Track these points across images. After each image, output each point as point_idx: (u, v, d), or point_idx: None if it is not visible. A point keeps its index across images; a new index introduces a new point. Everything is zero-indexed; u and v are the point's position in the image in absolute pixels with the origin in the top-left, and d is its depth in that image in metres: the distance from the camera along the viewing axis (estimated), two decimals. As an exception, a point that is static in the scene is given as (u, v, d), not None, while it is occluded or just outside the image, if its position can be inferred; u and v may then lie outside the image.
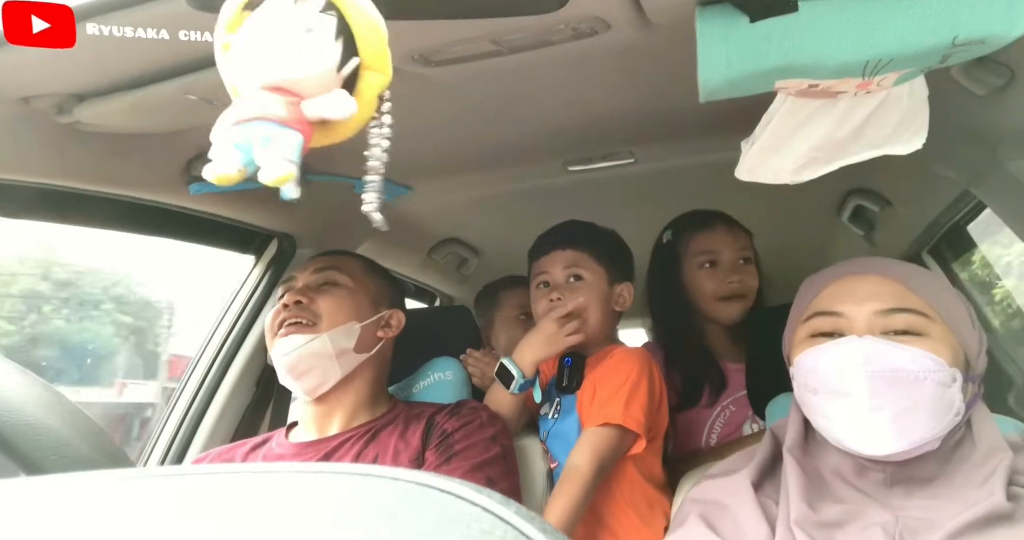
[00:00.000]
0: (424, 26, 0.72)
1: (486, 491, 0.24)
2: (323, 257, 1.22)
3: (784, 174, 0.89)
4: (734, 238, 1.40)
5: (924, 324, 0.77)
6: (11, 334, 2.89)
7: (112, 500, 0.27)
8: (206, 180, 0.56)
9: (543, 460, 1.23)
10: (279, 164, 0.54)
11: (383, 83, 0.59)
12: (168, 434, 1.41)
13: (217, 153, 0.55)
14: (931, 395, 0.73)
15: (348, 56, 0.57)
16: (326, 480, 0.26)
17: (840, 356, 0.77)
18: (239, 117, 0.55)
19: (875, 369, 0.74)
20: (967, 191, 1.31)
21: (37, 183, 1.04)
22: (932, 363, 0.74)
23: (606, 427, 1.11)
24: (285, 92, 0.56)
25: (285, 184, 0.54)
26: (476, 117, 1.18)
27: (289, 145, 0.55)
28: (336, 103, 0.57)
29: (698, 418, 1.39)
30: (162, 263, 3.01)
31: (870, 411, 0.73)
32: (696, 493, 0.87)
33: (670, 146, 1.39)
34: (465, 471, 1.02)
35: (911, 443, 0.73)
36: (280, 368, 1.09)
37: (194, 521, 0.24)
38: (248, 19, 0.57)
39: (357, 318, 1.12)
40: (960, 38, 0.65)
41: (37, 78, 0.87)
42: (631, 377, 1.15)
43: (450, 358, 1.37)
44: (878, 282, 0.81)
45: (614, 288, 1.27)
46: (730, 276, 1.36)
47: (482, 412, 1.12)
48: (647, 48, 0.85)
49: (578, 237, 1.28)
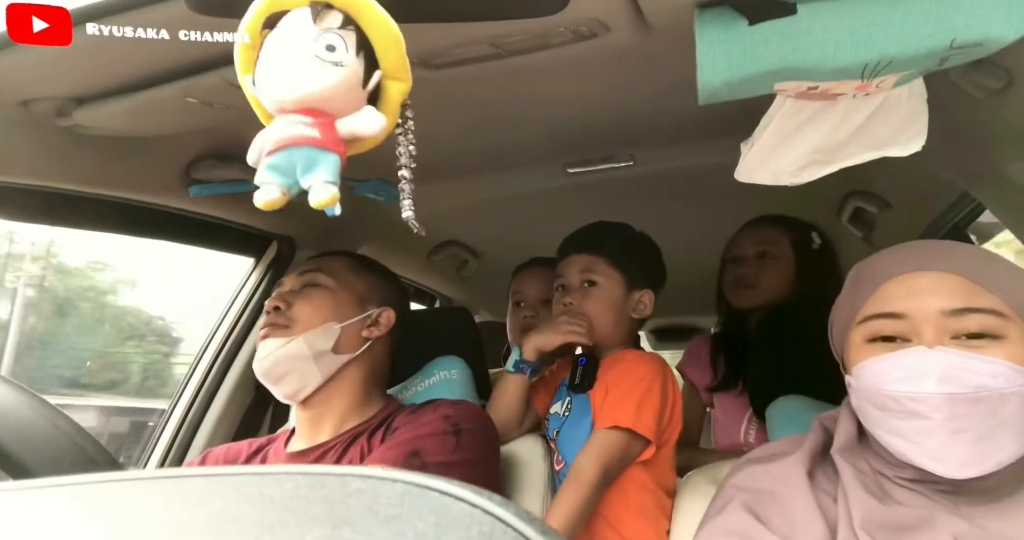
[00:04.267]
0: (425, 29, 0.72)
1: (486, 493, 0.24)
2: (311, 259, 1.19)
3: (783, 176, 0.89)
4: (754, 234, 1.52)
5: (1001, 325, 0.68)
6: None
7: (112, 501, 0.27)
8: (206, 182, 0.56)
9: (544, 461, 1.22)
10: (325, 188, 0.56)
11: (405, 90, 0.61)
12: (168, 435, 1.41)
13: (261, 180, 0.57)
14: (1017, 410, 0.65)
15: (368, 67, 0.58)
16: (326, 481, 0.26)
17: (912, 374, 0.67)
18: (278, 142, 0.56)
19: (955, 391, 0.65)
20: (966, 193, 1.31)
21: (37, 186, 1.04)
22: (1018, 375, 0.65)
23: (615, 430, 1.10)
24: (316, 113, 0.57)
25: (333, 206, 0.56)
26: (476, 119, 1.18)
27: (330, 167, 0.56)
28: (368, 121, 0.58)
29: (735, 410, 1.44)
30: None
31: (951, 434, 0.65)
32: (741, 479, 0.80)
33: (670, 148, 1.39)
34: (389, 446, 0.96)
35: (997, 464, 0.65)
36: (257, 372, 1.07)
37: (194, 522, 0.24)
38: (268, 39, 0.57)
39: (337, 318, 1.08)
40: (958, 41, 0.65)
41: (37, 81, 0.87)
42: (644, 381, 1.14)
43: (455, 357, 1.37)
44: (942, 278, 0.71)
45: (632, 294, 1.25)
46: (741, 267, 1.49)
47: (444, 400, 1.07)
48: (646, 50, 0.85)
49: (598, 241, 1.27)
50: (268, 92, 0.58)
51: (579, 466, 1.08)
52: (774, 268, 1.47)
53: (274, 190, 0.56)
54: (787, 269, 1.46)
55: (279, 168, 0.57)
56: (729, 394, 1.47)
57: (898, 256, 0.76)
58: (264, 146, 0.57)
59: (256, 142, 0.58)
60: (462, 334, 1.49)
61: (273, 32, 0.58)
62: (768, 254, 1.48)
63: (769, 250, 1.48)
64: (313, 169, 0.56)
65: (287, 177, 0.57)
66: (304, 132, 0.56)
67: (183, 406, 1.43)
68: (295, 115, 0.57)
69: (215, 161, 1.17)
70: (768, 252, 1.48)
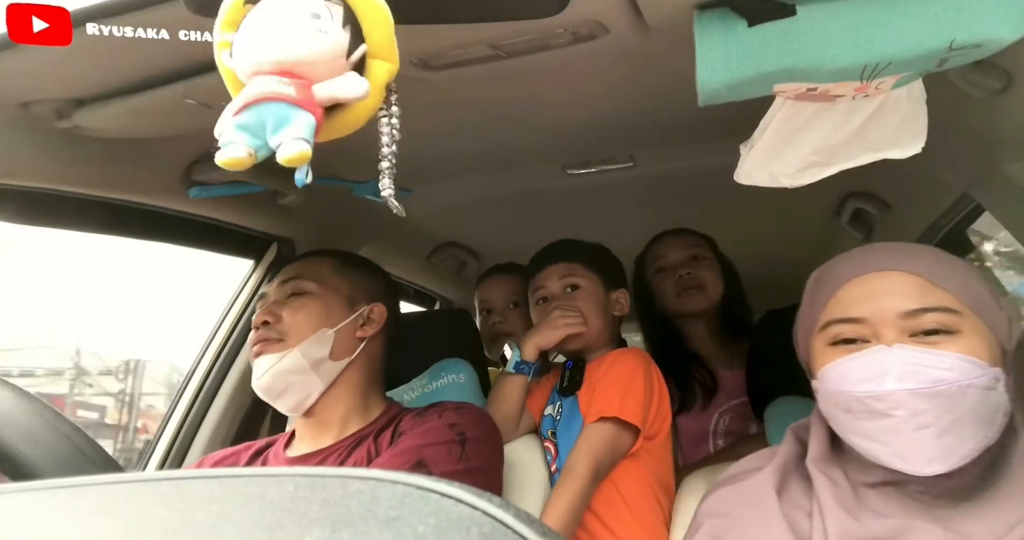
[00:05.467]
0: (424, 31, 0.73)
1: (486, 495, 0.24)
2: (290, 266, 1.16)
3: (783, 178, 0.89)
4: (680, 240, 1.50)
5: (954, 321, 0.70)
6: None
7: (111, 503, 0.27)
8: (206, 184, 0.56)
9: (543, 463, 1.22)
10: (295, 143, 0.52)
11: (391, 71, 0.58)
12: (168, 438, 1.40)
13: (225, 137, 0.53)
14: (976, 402, 0.67)
15: (354, 42, 0.56)
16: (326, 483, 0.26)
17: (872, 373, 0.69)
18: (249, 98, 0.53)
19: (913, 387, 0.67)
20: (966, 194, 1.31)
21: (37, 188, 1.04)
22: (973, 367, 0.68)
23: (601, 422, 1.12)
24: (295, 76, 0.54)
25: (302, 164, 0.53)
26: (475, 121, 1.18)
27: (303, 125, 0.53)
28: (348, 85, 0.56)
29: (699, 429, 1.40)
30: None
31: (914, 430, 0.67)
32: (710, 504, 0.81)
33: (669, 150, 1.39)
34: (394, 454, 0.95)
35: (962, 458, 0.67)
36: (258, 390, 1.05)
37: (194, 524, 0.24)
38: (250, 12, 0.57)
39: (328, 324, 1.06)
40: (957, 42, 0.65)
41: (37, 83, 0.87)
42: (625, 373, 1.17)
43: (460, 360, 1.38)
44: (897, 278, 0.73)
45: (610, 294, 1.30)
46: (679, 271, 1.45)
47: (449, 404, 1.06)
48: (646, 52, 0.86)
49: (568, 250, 1.33)
50: (245, 56, 0.55)
51: (571, 463, 1.10)
52: (709, 269, 1.47)
53: (239, 149, 0.53)
54: (718, 271, 1.48)
55: (248, 127, 0.53)
56: (689, 414, 1.41)
57: (855, 260, 0.78)
58: (236, 104, 0.54)
59: (230, 105, 0.55)
60: (463, 335, 1.49)
61: (256, 5, 0.57)
62: (700, 256, 1.48)
63: (700, 253, 1.49)
64: (284, 126, 0.53)
65: (256, 138, 0.54)
66: (277, 89, 0.53)
67: (183, 408, 1.43)
68: (270, 76, 0.54)
69: (215, 163, 1.17)
70: (699, 255, 1.48)
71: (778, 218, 1.71)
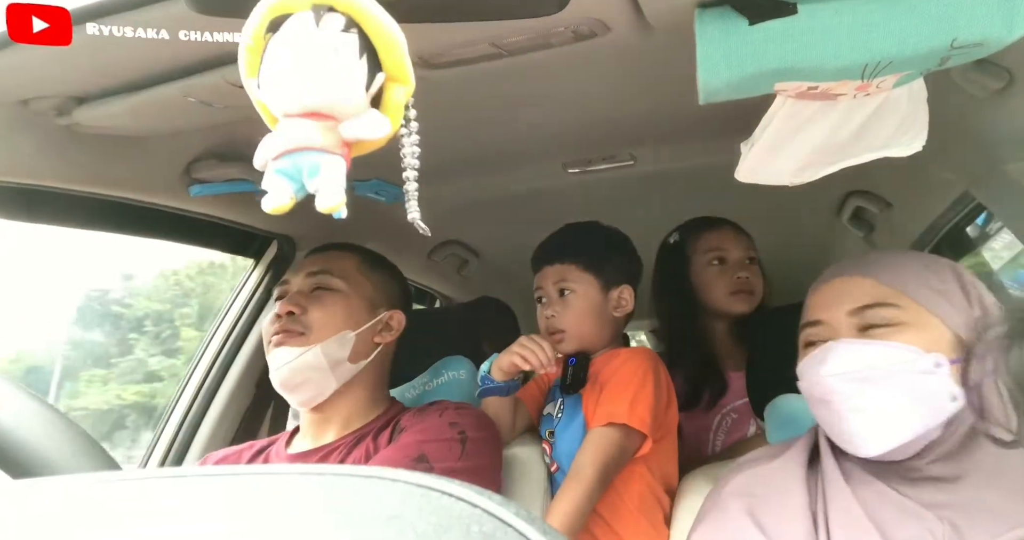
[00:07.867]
0: (424, 29, 0.72)
1: (487, 493, 0.24)
2: (317, 257, 1.16)
3: (784, 176, 0.89)
4: (740, 238, 1.46)
5: (896, 314, 0.76)
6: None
7: (112, 501, 0.27)
8: (206, 182, 0.57)
9: (543, 464, 1.22)
10: (333, 193, 0.57)
11: (408, 93, 0.61)
12: (168, 436, 1.41)
13: (269, 185, 0.58)
14: (909, 387, 0.72)
15: (371, 70, 0.58)
16: (327, 482, 0.26)
17: (813, 364, 0.78)
18: (285, 148, 0.57)
19: (843, 371, 0.74)
20: (967, 193, 1.31)
21: (36, 185, 1.04)
22: (904, 353, 0.73)
23: (610, 427, 1.10)
24: (321, 116, 0.57)
25: (339, 211, 0.57)
26: (476, 119, 1.18)
27: (336, 172, 0.57)
28: (372, 125, 0.59)
29: (700, 426, 1.39)
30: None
31: (850, 413, 0.74)
32: (734, 487, 0.84)
33: (670, 148, 1.39)
34: (395, 448, 0.95)
35: (901, 439, 0.72)
36: (274, 381, 1.06)
37: (194, 523, 0.24)
38: (271, 43, 0.58)
39: (351, 326, 1.06)
40: (958, 41, 0.65)
41: (36, 80, 0.87)
42: (636, 376, 1.15)
43: (462, 357, 1.38)
44: (850, 282, 0.81)
45: (610, 294, 1.26)
46: (739, 272, 1.41)
47: (449, 403, 1.07)
48: (647, 50, 0.85)
49: (566, 249, 1.29)
50: (273, 97, 0.59)
51: (578, 466, 1.08)
52: (759, 274, 1.45)
53: (284, 196, 0.57)
54: (761, 276, 1.46)
55: (286, 172, 0.58)
56: (693, 412, 1.39)
57: (827, 271, 0.87)
58: (271, 151, 0.58)
59: (262, 147, 0.59)
60: (465, 331, 1.49)
61: (275, 36, 0.58)
62: (754, 259, 1.46)
63: (754, 255, 1.46)
64: (319, 173, 0.57)
65: (295, 181, 0.58)
66: (310, 137, 0.57)
67: (183, 406, 1.43)
68: (301, 120, 0.57)
69: (215, 161, 1.17)
70: (754, 257, 1.46)
71: (779, 217, 1.70)
